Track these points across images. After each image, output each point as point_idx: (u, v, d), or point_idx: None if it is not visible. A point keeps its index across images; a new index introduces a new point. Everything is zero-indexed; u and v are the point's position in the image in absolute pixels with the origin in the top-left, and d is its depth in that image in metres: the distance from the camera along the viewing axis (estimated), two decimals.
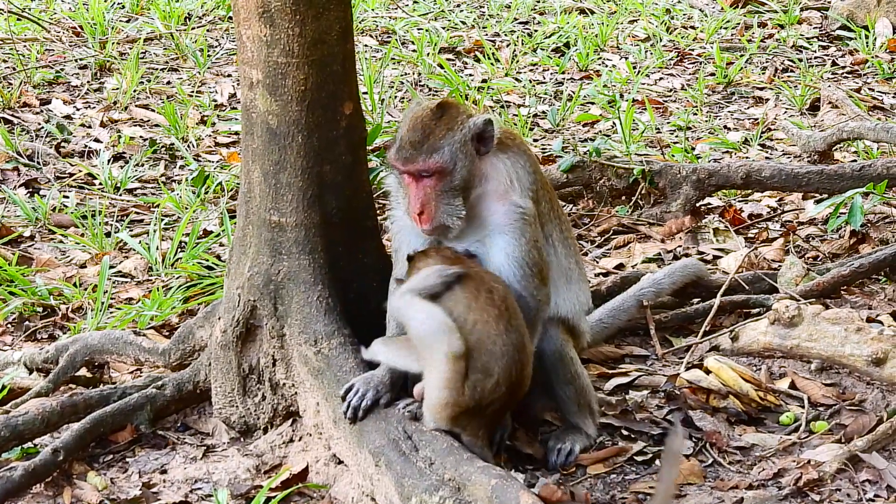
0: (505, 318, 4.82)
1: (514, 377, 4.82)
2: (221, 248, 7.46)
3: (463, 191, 5.13)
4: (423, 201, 5.10)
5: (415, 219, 5.12)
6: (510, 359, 4.79)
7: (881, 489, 5.07)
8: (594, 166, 8.12)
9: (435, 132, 5.13)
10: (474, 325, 4.80)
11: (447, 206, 5.12)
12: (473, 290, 4.87)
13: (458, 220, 5.13)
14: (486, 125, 5.17)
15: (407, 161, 5.11)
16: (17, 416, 5.46)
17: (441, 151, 5.10)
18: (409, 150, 5.11)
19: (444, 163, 5.10)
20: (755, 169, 7.86)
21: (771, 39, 12.61)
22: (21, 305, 6.76)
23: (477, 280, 4.91)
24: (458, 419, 4.81)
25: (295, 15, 5.06)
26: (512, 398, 4.89)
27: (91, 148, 9.26)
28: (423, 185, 5.11)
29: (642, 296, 6.41)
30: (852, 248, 7.39)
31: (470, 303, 4.83)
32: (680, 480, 5.16)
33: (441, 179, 5.11)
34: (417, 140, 5.12)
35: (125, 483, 5.30)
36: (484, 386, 4.76)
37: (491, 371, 4.77)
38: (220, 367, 5.53)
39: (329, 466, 5.23)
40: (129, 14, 12.82)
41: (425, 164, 5.10)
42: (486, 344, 4.77)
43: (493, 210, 5.18)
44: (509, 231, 5.14)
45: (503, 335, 4.79)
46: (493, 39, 12.50)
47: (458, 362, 4.75)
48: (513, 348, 4.81)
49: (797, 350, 5.97)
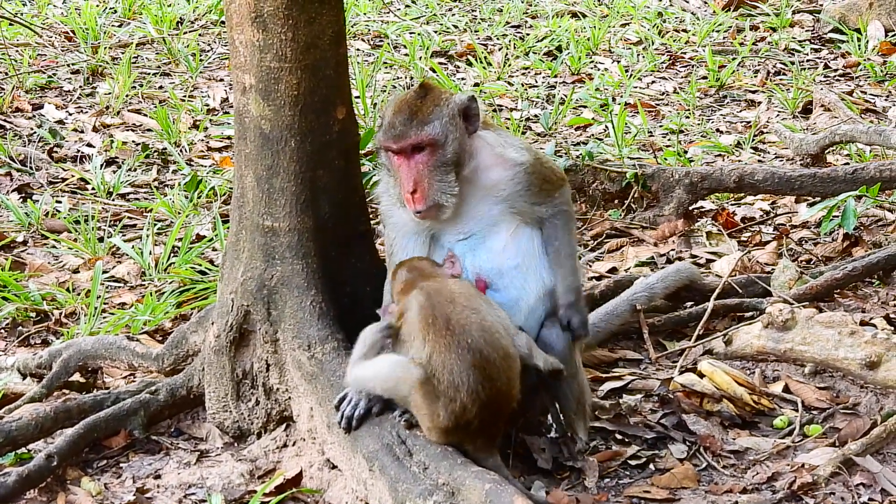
0: (455, 342, 4.76)
1: (484, 395, 4.76)
2: (214, 253, 7.45)
3: (455, 167, 5.16)
4: (415, 179, 5.12)
5: (407, 200, 5.13)
6: (472, 381, 4.74)
7: (875, 493, 5.07)
8: (587, 170, 8.13)
9: (423, 108, 5.18)
10: (430, 356, 4.78)
11: (440, 184, 5.14)
12: (427, 319, 4.84)
13: (451, 198, 5.15)
14: (470, 101, 5.25)
15: (398, 138, 5.15)
16: (10, 422, 5.45)
17: (432, 124, 5.15)
18: (400, 127, 5.15)
19: (435, 135, 5.14)
20: (748, 172, 7.87)
21: (763, 42, 12.63)
22: (14, 311, 6.75)
23: (429, 306, 4.87)
24: (449, 437, 4.80)
25: (287, 20, 5.06)
26: (498, 409, 4.84)
27: (83, 153, 9.25)
28: (415, 162, 5.14)
29: (635, 300, 6.42)
30: (845, 251, 7.40)
31: (424, 333, 4.82)
32: (674, 485, 5.16)
33: (433, 154, 5.14)
34: (407, 117, 5.16)
35: (119, 488, 5.29)
36: (453, 408, 4.75)
37: (454, 397, 4.75)
38: (213, 372, 5.52)
39: (323, 471, 5.23)
40: (121, 19, 12.81)
41: (418, 137, 5.13)
42: (443, 374, 4.75)
43: (490, 175, 5.24)
44: (512, 186, 5.25)
45: (458, 361, 4.75)
46: (486, 43, 12.51)
47: (422, 388, 4.76)
48: (473, 370, 4.74)
49: (791, 354, 5.98)
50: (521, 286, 5.26)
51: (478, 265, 5.26)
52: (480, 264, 5.26)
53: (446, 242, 5.31)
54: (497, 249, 5.23)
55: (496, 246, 5.24)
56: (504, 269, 5.24)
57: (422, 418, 4.83)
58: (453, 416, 4.74)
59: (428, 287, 4.97)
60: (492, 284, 5.21)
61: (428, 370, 4.75)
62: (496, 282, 5.22)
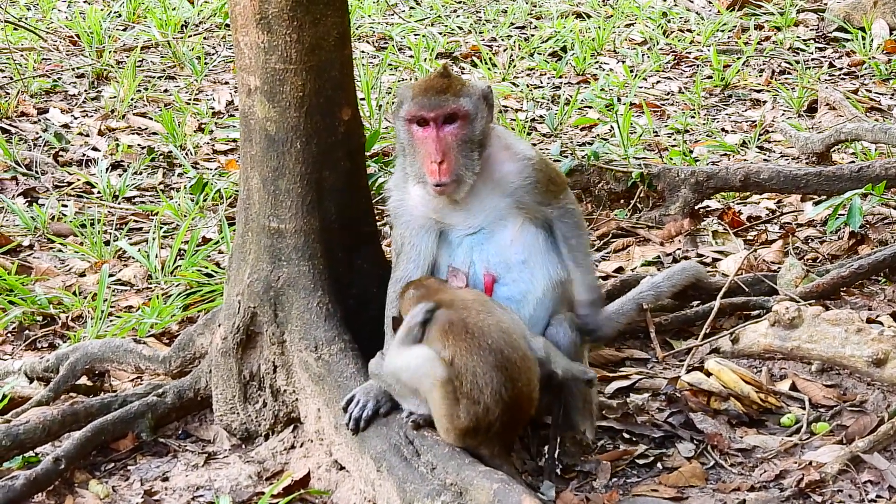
0: (475, 345, 4.79)
1: (507, 396, 4.78)
2: (221, 256, 7.45)
3: (479, 146, 5.19)
4: (443, 150, 5.12)
5: (432, 171, 5.12)
6: (496, 383, 4.77)
7: (883, 490, 5.06)
8: (592, 170, 8.13)
9: (453, 85, 5.21)
10: (451, 360, 4.79)
11: (465, 159, 5.16)
12: (444, 326, 4.86)
13: (472, 176, 5.18)
14: (489, 89, 5.31)
15: (434, 107, 5.14)
16: (18, 425, 5.46)
17: (467, 97, 5.18)
18: (434, 97, 5.15)
19: (469, 109, 5.18)
20: (753, 171, 7.86)
21: (768, 42, 12.62)
22: (21, 315, 6.76)
23: (448, 314, 4.90)
24: (467, 440, 4.80)
25: (292, 21, 5.06)
26: (518, 411, 4.85)
27: (89, 156, 9.26)
28: (444, 133, 5.14)
29: (642, 299, 6.41)
30: (851, 249, 7.39)
31: (444, 340, 4.83)
32: (682, 483, 5.16)
33: (464, 128, 5.16)
34: (440, 89, 5.18)
35: (127, 491, 5.29)
36: (476, 410, 4.76)
37: (477, 399, 4.76)
38: (220, 374, 5.52)
39: (331, 472, 5.23)
40: (125, 23, 12.83)
41: (456, 106, 5.15)
42: (466, 375, 4.76)
43: (500, 168, 5.28)
44: (521, 180, 5.27)
45: (481, 363, 4.77)
46: (490, 44, 12.51)
47: (443, 388, 4.76)
48: (496, 371, 4.77)
49: (797, 351, 5.97)
50: (528, 280, 5.27)
51: (486, 259, 5.27)
52: (489, 258, 5.27)
53: (455, 237, 5.31)
54: (504, 244, 5.23)
55: (503, 241, 5.24)
56: (512, 264, 5.25)
57: (439, 420, 4.82)
58: (475, 417, 4.74)
59: (439, 299, 4.99)
60: (500, 279, 5.22)
61: (450, 372, 4.76)
62: (504, 276, 5.22)
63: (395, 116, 5.32)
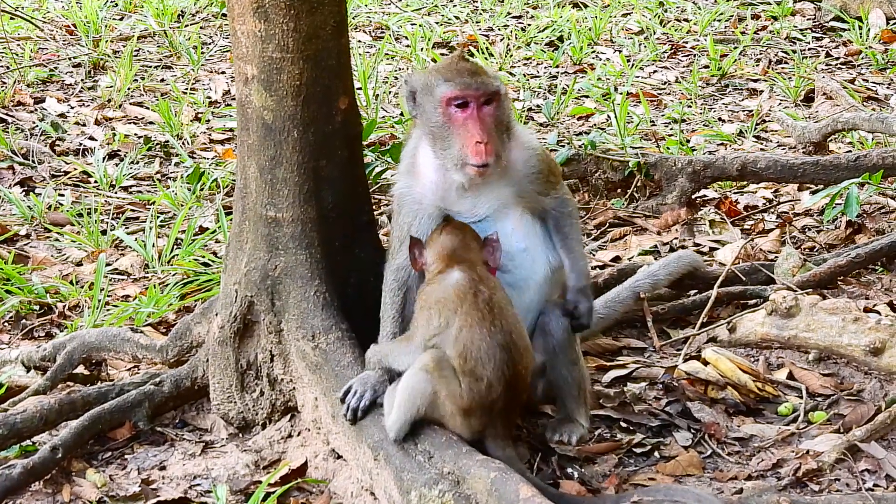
0: (488, 319, 4.81)
1: (508, 375, 4.80)
2: (218, 245, 7.45)
3: (507, 129, 5.19)
4: (487, 130, 5.07)
5: (477, 151, 5.03)
6: (499, 360, 4.78)
7: (880, 478, 5.07)
8: (590, 159, 8.12)
9: (481, 67, 5.20)
10: (459, 330, 4.80)
11: (499, 141, 5.14)
12: (460, 293, 4.87)
13: (501, 159, 5.14)
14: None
15: (477, 87, 5.08)
16: (15, 415, 5.46)
17: (498, 80, 5.17)
18: (474, 77, 5.11)
19: (504, 91, 5.17)
20: (750, 160, 7.87)
21: (764, 31, 12.62)
22: (18, 304, 6.76)
23: (466, 282, 4.91)
24: (471, 420, 4.81)
25: (289, 10, 5.05)
26: (515, 395, 4.87)
27: (86, 146, 9.25)
28: (484, 115, 5.09)
29: (639, 288, 6.41)
30: (848, 238, 7.40)
31: (456, 307, 4.84)
32: (679, 472, 5.16)
33: (498, 109, 5.14)
34: (475, 71, 5.14)
35: (124, 480, 5.29)
36: (479, 388, 4.76)
37: (480, 375, 4.76)
38: (217, 363, 5.52)
39: (328, 461, 5.23)
40: (122, 12, 12.82)
41: (496, 87, 5.12)
42: (471, 350, 4.77)
43: (509, 156, 5.23)
44: (526, 169, 5.27)
45: (487, 338, 4.79)
46: (487, 34, 12.50)
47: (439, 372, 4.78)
48: (500, 349, 4.80)
49: (795, 340, 5.97)
50: (529, 267, 5.27)
51: None
52: None
53: None
54: (507, 232, 5.22)
55: (506, 229, 5.23)
56: (514, 252, 5.24)
57: (442, 404, 4.82)
58: (478, 395, 4.75)
59: (476, 269, 5.00)
60: (503, 266, 5.22)
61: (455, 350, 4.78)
62: (507, 263, 5.21)
63: (424, 100, 5.20)
